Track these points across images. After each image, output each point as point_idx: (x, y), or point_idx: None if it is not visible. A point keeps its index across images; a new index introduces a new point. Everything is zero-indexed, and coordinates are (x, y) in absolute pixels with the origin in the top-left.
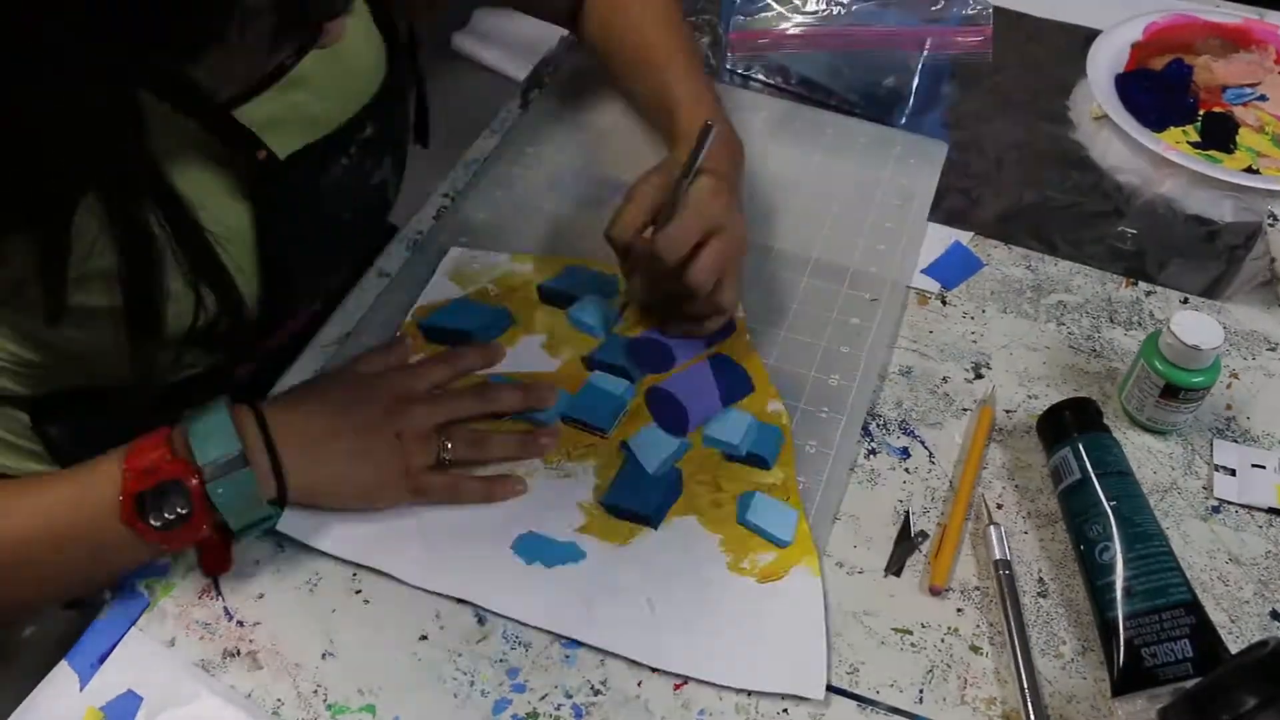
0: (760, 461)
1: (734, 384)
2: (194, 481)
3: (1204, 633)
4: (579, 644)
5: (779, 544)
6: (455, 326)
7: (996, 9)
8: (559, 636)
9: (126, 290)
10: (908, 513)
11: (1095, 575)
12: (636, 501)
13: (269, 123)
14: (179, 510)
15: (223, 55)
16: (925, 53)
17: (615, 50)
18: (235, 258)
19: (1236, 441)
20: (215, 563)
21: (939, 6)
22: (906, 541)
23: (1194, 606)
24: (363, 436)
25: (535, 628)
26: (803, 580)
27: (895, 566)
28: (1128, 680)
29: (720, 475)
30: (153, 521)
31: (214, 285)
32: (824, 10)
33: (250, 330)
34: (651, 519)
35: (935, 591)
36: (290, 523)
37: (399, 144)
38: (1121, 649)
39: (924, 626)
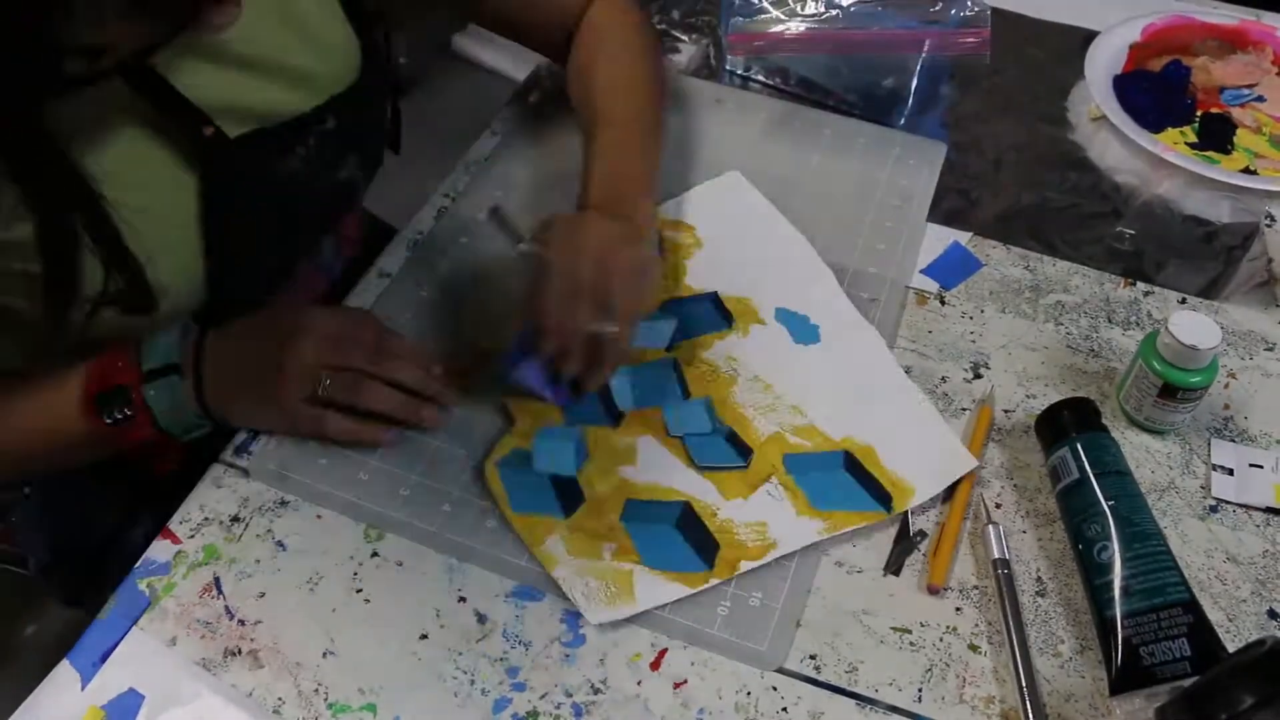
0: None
1: None
2: (135, 385)
3: (1202, 632)
4: (579, 643)
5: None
6: None
7: (995, 10)
8: (559, 636)
9: (45, 259)
10: (906, 512)
11: (1094, 574)
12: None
13: (225, 103)
14: (125, 411)
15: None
16: (924, 54)
17: (579, 106)
18: (175, 235)
19: (1234, 441)
20: (163, 464)
21: (937, 8)
22: (905, 541)
23: (1192, 606)
24: (255, 364)
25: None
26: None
27: (894, 566)
28: (1126, 679)
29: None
30: (105, 419)
31: (121, 270)
32: (821, 13)
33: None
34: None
35: (933, 590)
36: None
37: (366, 144)
38: (1120, 648)
39: (923, 626)
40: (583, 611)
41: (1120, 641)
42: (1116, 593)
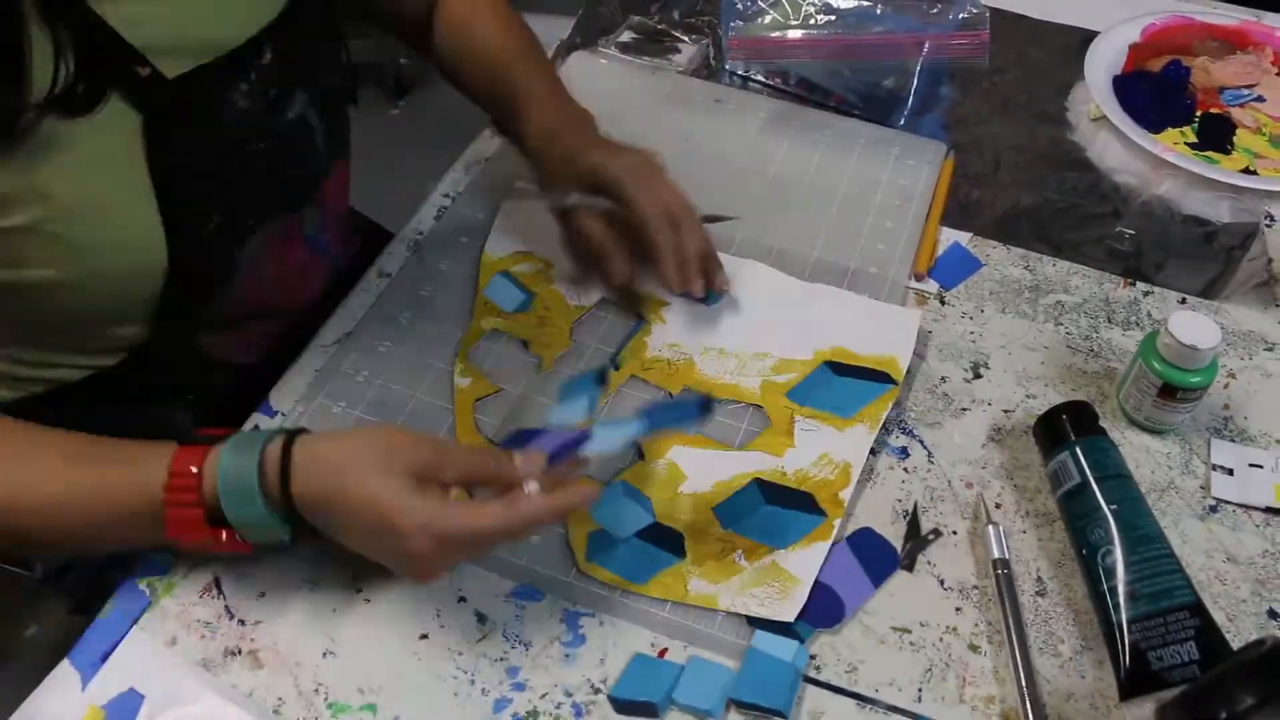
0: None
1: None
2: (223, 538)
3: (1209, 635)
4: (579, 642)
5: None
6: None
7: (995, 10)
8: (559, 636)
9: None
10: (915, 504)
11: (1098, 579)
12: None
13: (160, 40)
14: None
15: None
16: (923, 56)
17: (468, 67)
18: (124, 182)
19: (1234, 441)
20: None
21: (935, 11)
22: (918, 537)
23: (1198, 609)
24: (375, 548)
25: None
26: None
27: (908, 561)
28: (1134, 684)
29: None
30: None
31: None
32: (820, 18)
33: (181, 282)
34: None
35: (919, 277)
36: None
37: (316, 82)
38: (1127, 652)
39: (923, 625)
40: (778, 617)
41: (1128, 646)
42: (1122, 597)
